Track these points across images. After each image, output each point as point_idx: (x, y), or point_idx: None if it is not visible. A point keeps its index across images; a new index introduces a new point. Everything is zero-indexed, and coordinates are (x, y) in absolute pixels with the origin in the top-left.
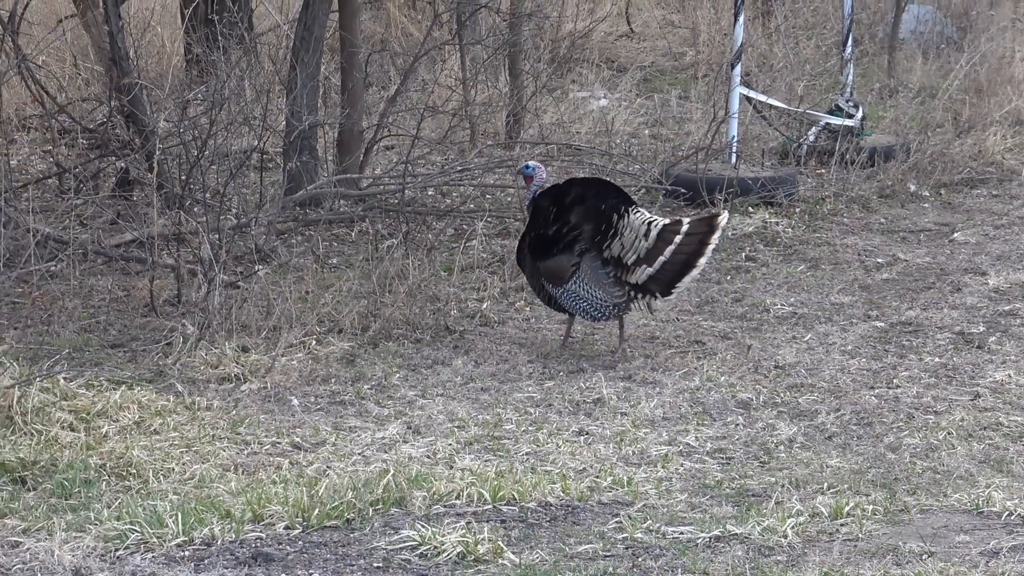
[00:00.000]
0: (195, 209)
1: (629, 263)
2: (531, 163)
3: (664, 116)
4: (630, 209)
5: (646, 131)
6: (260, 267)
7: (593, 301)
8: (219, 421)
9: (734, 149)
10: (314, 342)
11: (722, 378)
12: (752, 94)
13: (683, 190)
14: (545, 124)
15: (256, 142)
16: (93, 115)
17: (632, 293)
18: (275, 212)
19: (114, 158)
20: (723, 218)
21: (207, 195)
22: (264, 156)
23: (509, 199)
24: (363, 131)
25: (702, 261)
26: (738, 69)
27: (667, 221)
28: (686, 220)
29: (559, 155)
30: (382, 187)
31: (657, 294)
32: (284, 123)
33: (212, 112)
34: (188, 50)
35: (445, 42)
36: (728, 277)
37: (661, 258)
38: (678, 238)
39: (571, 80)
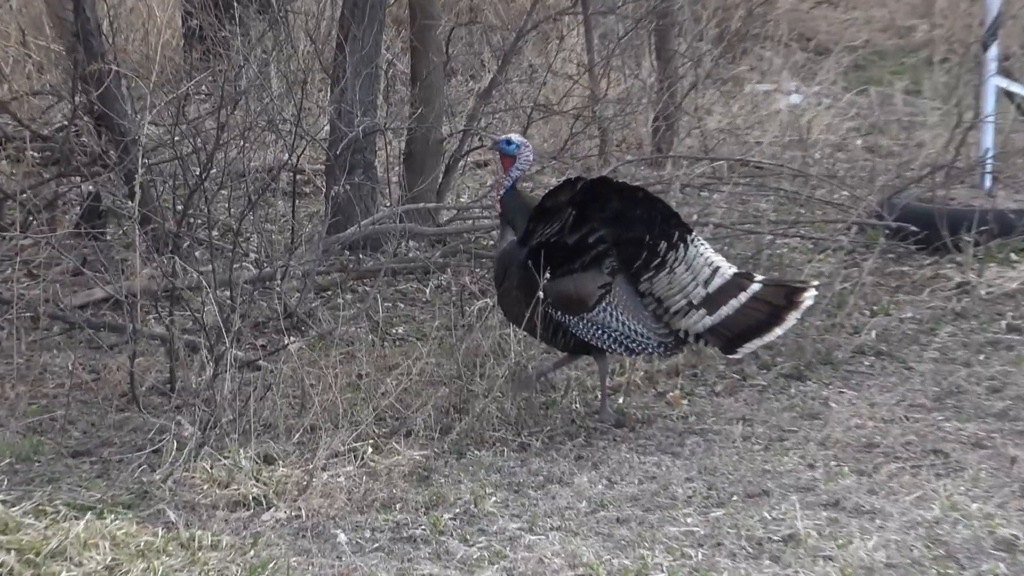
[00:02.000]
0: (196, 254)
1: (675, 309)
2: (514, 137)
3: (885, 120)
4: (688, 238)
5: (858, 142)
6: (292, 339)
7: (629, 335)
8: (230, 566)
9: (989, 169)
10: (370, 449)
11: (973, 505)
12: (1015, 87)
13: (913, 228)
14: (709, 131)
15: (286, 156)
16: (48, 116)
17: (683, 335)
18: (314, 258)
19: (78, 179)
20: (809, 295)
21: (214, 233)
22: (299, 176)
23: None
24: (443, 140)
25: (778, 331)
26: (994, 50)
27: (737, 270)
28: (758, 277)
29: (730, 175)
30: (471, 222)
31: (717, 348)
32: (328, 128)
33: (222, 112)
34: (187, 22)
35: (564, 11)
36: (981, 356)
37: (725, 308)
38: (744, 296)
39: (748, 67)
